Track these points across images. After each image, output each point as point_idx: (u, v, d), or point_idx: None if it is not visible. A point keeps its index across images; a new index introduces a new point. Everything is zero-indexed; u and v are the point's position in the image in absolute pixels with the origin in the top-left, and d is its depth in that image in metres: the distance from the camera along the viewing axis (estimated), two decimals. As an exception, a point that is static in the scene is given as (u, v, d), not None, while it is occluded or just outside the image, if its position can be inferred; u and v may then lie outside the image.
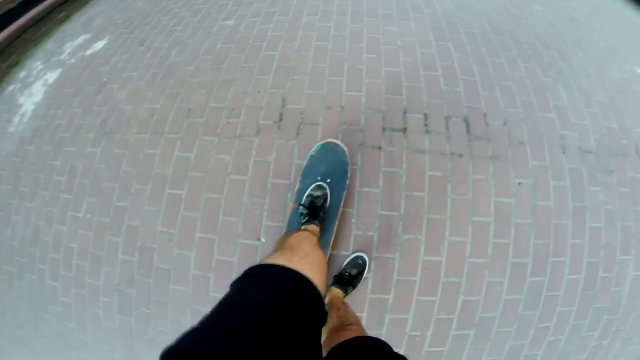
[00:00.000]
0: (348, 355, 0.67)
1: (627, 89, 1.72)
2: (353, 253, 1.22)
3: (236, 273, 1.26)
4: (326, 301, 1.14)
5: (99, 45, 2.08)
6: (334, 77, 1.45)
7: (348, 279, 1.18)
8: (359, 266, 1.20)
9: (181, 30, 1.90)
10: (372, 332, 1.22)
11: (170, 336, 1.32)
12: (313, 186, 1.20)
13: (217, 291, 1.25)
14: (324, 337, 0.87)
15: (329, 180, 1.23)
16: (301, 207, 1.17)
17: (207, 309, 0.45)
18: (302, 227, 1.13)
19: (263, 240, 1.25)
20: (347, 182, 1.23)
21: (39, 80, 2.07)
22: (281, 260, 0.53)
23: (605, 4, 2.61)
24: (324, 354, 0.71)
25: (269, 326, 0.39)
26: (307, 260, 0.55)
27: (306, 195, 1.20)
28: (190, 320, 1.29)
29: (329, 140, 1.25)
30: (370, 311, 1.22)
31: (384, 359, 0.61)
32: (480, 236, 1.23)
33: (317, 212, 1.15)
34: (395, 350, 0.67)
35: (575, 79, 1.64)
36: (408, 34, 1.66)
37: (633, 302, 1.40)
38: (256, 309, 0.42)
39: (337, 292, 1.16)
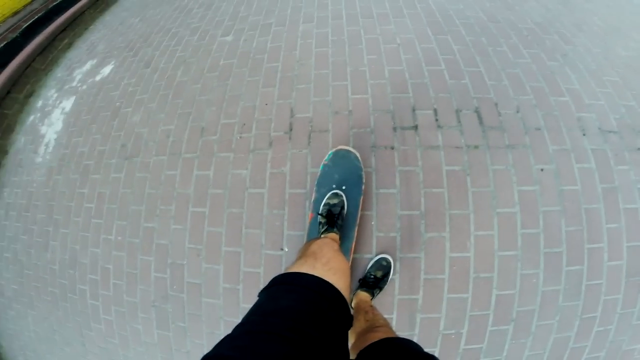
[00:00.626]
0: (377, 356, 0.67)
1: (637, 65, 1.69)
2: (376, 255, 1.21)
3: (262, 283, 1.27)
4: (353, 305, 1.13)
5: (106, 70, 2.17)
6: (338, 81, 1.47)
7: (373, 282, 1.16)
8: (384, 268, 1.18)
9: (182, 49, 1.96)
10: (403, 333, 1.22)
11: (206, 348, 1.34)
12: (329, 194, 1.21)
13: (247, 302, 1.28)
14: (351, 341, 0.88)
15: (344, 187, 1.22)
16: (319, 216, 1.17)
17: (238, 319, 0.46)
18: (322, 236, 1.13)
19: (286, 249, 1.26)
20: (363, 186, 1.22)
21: (56, 108, 2.18)
22: (305, 268, 0.56)
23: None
24: (353, 356, 0.71)
25: (297, 330, 0.41)
26: (329, 266, 0.57)
27: (323, 204, 1.20)
28: (223, 331, 1.31)
29: (340, 147, 1.25)
30: (399, 312, 1.20)
31: (413, 359, 0.61)
32: (507, 228, 1.19)
33: (335, 220, 1.15)
34: (430, 350, 0.65)
35: (581, 61, 1.62)
36: (405, 30, 1.68)
37: None
38: (284, 315, 0.44)
39: (363, 295, 1.15)
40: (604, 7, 2.18)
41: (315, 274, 0.54)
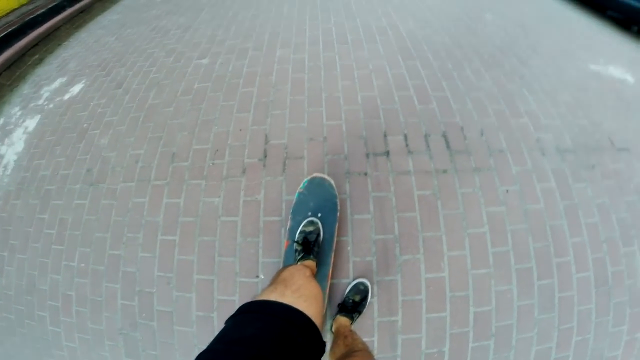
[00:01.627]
0: None
1: (586, 86, 1.86)
2: (354, 280, 1.24)
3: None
4: (333, 329, 1.15)
5: (76, 88, 2.11)
6: (313, 107, 1.53)
7: (352, 306, 1.19)
8: (361, 292, 1.21)
9: (157, 70, 1.96)
10: (386, 355, 1.26)
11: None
12: (304, 222, 1.23)
13: (222, 330, 1.27)
14: None
15: (319, 215, 1.26)
16: (295, 244, 1.19)
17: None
18: (299, 263, 1.15)
19: (262, 276, 1.27)
20: (338, 213, 1.26)
21: (18, 127, 2.07)
22: (274, 295, 0.57)
23: (548, 5, 2.87)
24: None
25: (261, 359, 0.42)
26: (300, 293, 0.59)
27: (298, 231, 1.22)
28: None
29: (315, 175, 1.29)
30: (380, 334, 1.23)
31: None
32: (478, 247, 1.26)
33: (312, 247, 1.17)
34: None
35: (537, 82, 1.77)
36: (377, 56, 1.77)
37: None
38: (249, 344, 0.45)
39: (342, 320, 1.17)
40: (556, 30, 2.41)
41: (284, 302, 0.55)
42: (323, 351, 0.57)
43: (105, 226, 1.48)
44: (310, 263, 1.15)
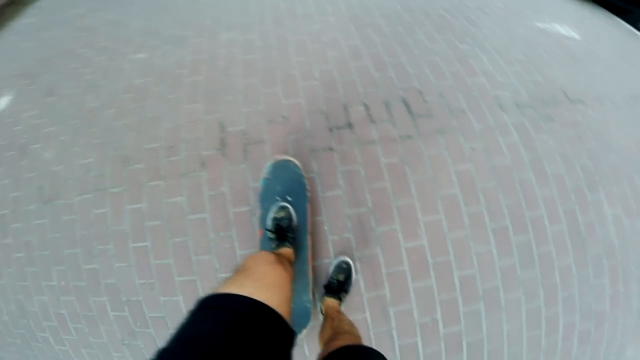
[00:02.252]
0: None
1: (536, 43, 1.94)
2: (335, 259, 1.22)
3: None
4: (323, 311, 1.15)
5: (2, 102, 1.90)
6: (269, 88, 1.46)
7: (338, 286, 1.18)
8: (345, 270, 1.20)
9: (91, 71, 1.80)
10: (381, 329, 1.27)
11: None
12: (274, 208, 1.19)
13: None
14: (320, 349, 0.89)
15: (289, 198, 1.21)
16: (268, 232, 1.15)
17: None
18: (276, 252, 1.11)
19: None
20: (308, 194, 1.23)
21: None
22: (233, 287, 0.55)
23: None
24: None
25: (214, 357, 0.41)
26: (261, 283, 0.57)
27: (270, 219, 1.18)
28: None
29: (277, 157, 1.25)
30: (371, 310, 1.23)
31: None
32: (452, 209, 1.28)
33: (286, 233, 1.14)
34: (412, 340, 0.67)
35: (488, 42, 1.80)
36: (330, 28, 1.73)
37: (624, 242, 1.50)
38: (201, 341, 0.44)
39: (330, 301, 1.17)
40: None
41: (244, 293, 0.53)
42: (291, 341, 0.56)
43: (72, 242, 1.42)
44: (287, 250, 1.12)
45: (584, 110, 1.66)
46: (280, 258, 0.68)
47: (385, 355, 0.67)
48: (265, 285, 0.57)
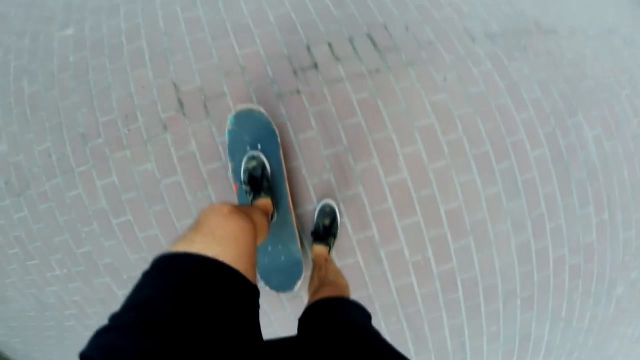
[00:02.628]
0: (306, 320, 0.82)
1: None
2: (318, 203, 1.44)
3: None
4: (311, 258, 1.35)
5: None
6: (220, 40, 1.65)
7: (324, 231, 1.39)
8: (329, 214, 1.41)
9: (16, 57, 1.93)
10: (374, 271, 1.51)
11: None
12: (245, 159, 1.37)
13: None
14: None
15: (259, 146, 1.41)
16: (242, 185, 1.34)
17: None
18: (253, 204, 1.31)
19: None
20: (278, 139, 1.42)
21: None
22: (182, 245, 0.60)
23: None
24: None
25: (156, 322, 0.46)
26: (212, 237, 0.62)
27: (242, 171, 1.37)
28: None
29: (239, 107, 1.42)
30: (362, 252, 1.47)
31: (329, 324, 0.75)
32: (430, 138, 1.53)
33: (260, 183, 1.32)
34: (406, 280, 0.81)
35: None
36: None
37: (606, 165, 1.83)
38: (144, 307, 0.49)
39: (318, 249, 1.37)
40: None
41: (192, 250, 0.58)
42: (253, 297, 0.63)
43: (58, 229, 1.70)
44: (265, 201, 1.30)
45: (557, 40, 1.98)
46: (240, 209, 0.73)
47: (382, 298, 0.81)
48: (216, 239, 0.62)
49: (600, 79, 1.98)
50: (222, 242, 0.62)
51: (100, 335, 0.46)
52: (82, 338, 1.65)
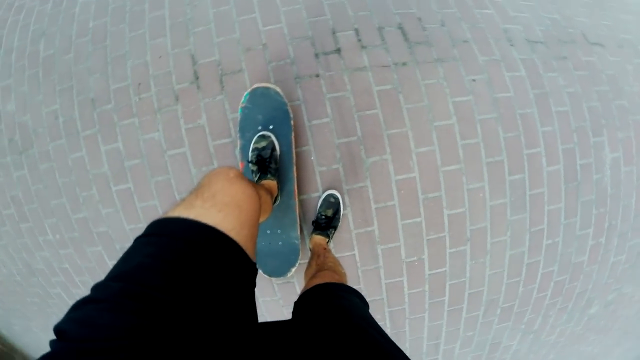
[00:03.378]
0: (303, 304, 0.82)
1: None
2: (323, 192, 1.44)
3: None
4: (311, 248, 1.35)
5: None
6: (244, 15, 1.64)
7: (326, 222, 1.39)
8: (333, 205, 1.41)
9: (36, 21, 1.98)
10: (369, 267, 1.52)
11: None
12: (255, 138, 1.38)
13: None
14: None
15: (271, 127, 1.41)
16: (249, 164, 1.34)
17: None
18: (259, 183, 1.31)
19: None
20: (292, 122, 1.42)
21: None
22: (180, 209, 0.56)
23: None
24: None
25: (143, 296, 0.43)
26: (213, 202, 0.57)
27: (251, 149, 1.37)
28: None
29: (256, 85, 1.42)
30: (360, 247, 1.47)
31: (327, 310, 0.73)
32: (447, 140, 1.50)
33: (268, 165, 1.33)
34: (397, 279, 0.80)
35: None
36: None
37: (617, 191, 1.79)
38: (130, 277, 0.46)
39: (317, 238, 1.37)
40: None
41: (190, 216, 0.54)
42: (251, 273, 0.60)
43: (56, 192, 1.73)
44: (270, 182, 1.31)
45: (601, 53, 1.91)
46: (247, 179, 0.69)
47: (372, 291, 0.80)
48: (216, 205, 0.57)
49: (636, 99, 1.91)
50: (224, 209, 0.57)
51: (79, 307, 0.43)
52: (65, 307, 1.69)
